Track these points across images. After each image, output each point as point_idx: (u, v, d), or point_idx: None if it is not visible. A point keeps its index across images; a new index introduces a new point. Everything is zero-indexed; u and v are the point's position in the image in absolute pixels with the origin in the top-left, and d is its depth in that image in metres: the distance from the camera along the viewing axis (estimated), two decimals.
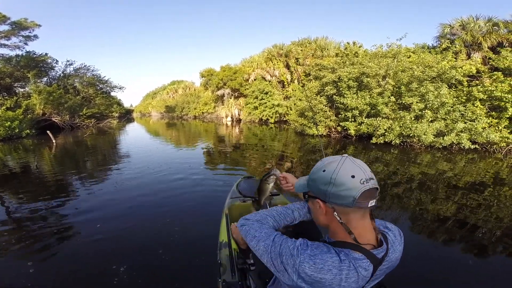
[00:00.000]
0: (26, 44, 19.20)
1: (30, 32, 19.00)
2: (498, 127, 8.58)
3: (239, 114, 28.22)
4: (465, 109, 9.12)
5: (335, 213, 0.80)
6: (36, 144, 11.57)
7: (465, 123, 8.69)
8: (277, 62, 24.76)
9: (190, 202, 4.05)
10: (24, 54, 18.75)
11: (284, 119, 22.60)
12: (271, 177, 1.43)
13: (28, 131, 14.63)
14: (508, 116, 8.56)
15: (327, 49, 22.97)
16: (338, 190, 0.77)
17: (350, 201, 0.76)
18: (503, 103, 8.54)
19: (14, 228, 3.29)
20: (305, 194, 0.92)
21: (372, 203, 0.78)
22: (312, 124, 12.83)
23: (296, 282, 0.77)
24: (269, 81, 24.74)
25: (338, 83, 11.81)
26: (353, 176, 0.76)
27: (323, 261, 0.75)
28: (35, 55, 19.35)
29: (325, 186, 0.80)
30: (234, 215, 1.95)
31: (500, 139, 8.08)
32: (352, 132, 11.07)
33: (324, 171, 0.81)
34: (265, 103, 23.76)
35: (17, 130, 13.78)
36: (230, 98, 28.74)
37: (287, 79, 24.48)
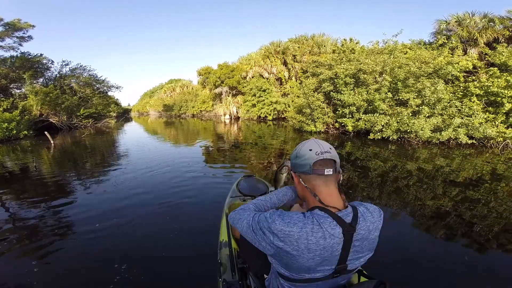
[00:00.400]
0: (20, 45, 19.01)
1: (24, 33, 18.82)
2: (495, 122, 8.65)
3: (237, 112, 28.22)
4: (461, 105, 9.19)
5: (300, 179, 1.03)
6: (34, 145, 11.52)
7: (462, 118, 8.75)
8: (275, 60, 24.73)
9: (190, 201, 4.05)
10: (19, 55, 18.59)
11: (282, 116, 22.63)
12: (284, 167, 1.63)
13: (25, 132, 14.54)
14: (505, 111, 8.63)
15: (324, 46, 22.97)
16: (300, 160, 1.02)
17: (307, 168, 0.99)
18: (499, 98, 8.60)
19: (16, 229, 3.29)
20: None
21: (328, 171, 0.97)
22: (310, 121, 12.87)
23: (273, 242, 0.92)
24: (267, 79, 24.73)
25: (335, 80, 11.84)
26: (310, 150, 1.00)
27: (289, 217, 0.92)
28: (30, 56, 19.16)
29: (294, 160, 1.06)
30: None
31: (497, 134, 8.14)
32: (349, 128, 11.13)
33: (295, 149, 1.07)
34: (263, 100, 23.77)
35: (15, 131, 13.70)
36: (228, 96, 28.72)
37: (284, 76, 24.46)
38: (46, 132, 11.65)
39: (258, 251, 1.21)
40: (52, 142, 10.88)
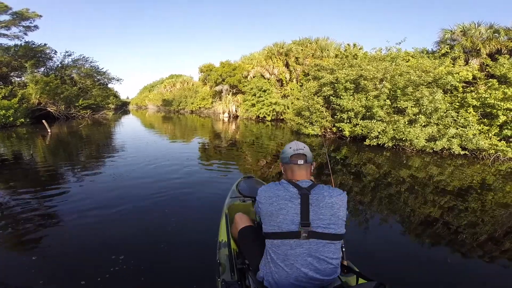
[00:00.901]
0: (25, 34, 19.02)
1: (31, 23, 18.79)
2: (488, 134, 8.72)
3: (236, 111, 28.22)
4: (457, 115, 9.25)
5: (282, 168, 1.50)
6: (31, 133, 11.51)
7: (457, 129, 8.82)
8: (277, 61, 24.74)
9: (188, 200, 4.03)
10: (23, 44, 18.53)
11: (281, 117, 22.65)
12: None
13: (22, 120, 14.55)
14: (499, 124, 8.70)
15: (327, 50, 23.00)
16: (284, 155, 1.48)
17: (287, 159, 1.44)
18: (495, 110, 8.66)
19: (11, 219, 3.28)
20: None
21: (300, 162, 1.41)
22: (308, 123, 12.92)
23: (257, 200, 1.40)
24: (268, 79, 24.73)
25: (335, 85, 11.88)
26: (290, 147, 1.47)
27: (266, 184, 1.43)
28: (34, 45, 19.12)
29: (281, 155, 1.51)
30: (234, 215, 2.00)
31: (489, 146, 8.20)
32: (346, 133, 11.18)
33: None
34: (263, 100, 23.77)
35: (12, 118, 13.69)
36: (228, 94, 28.71)
37: (286, 78, 24.48)
38: (43, 121, 11.65)
39: (257, 247, 1.42)
40: (49, 130, 10.87)
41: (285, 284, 1.24)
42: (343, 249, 1.61)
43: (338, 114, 11.63)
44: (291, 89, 23.32)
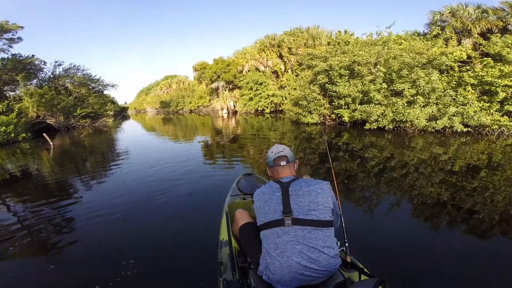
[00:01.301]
0: (11, 46, 18.82)
1: (13, 35, 18.62)
2: (490, 111, 8.75)
3: (234, 106, 28.21)
4: (456, 94, 9.28)
5: (269, 171, 1.65)
6: (34, 147, 11.54)
7: (457, 107, 8.85)
8: (270, 53, 24.62)
9: (190, 200, 4.09)
10: (10, 57, 18.39)
11: (280, 108, 22.65)
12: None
13: (24, 134, 14.51)
14: (499, 100, 8.73)
15: (319, 38, 22.86)
16: (268, 160, 1.63)
17: (271, 163, 1.60)
18: (493, 87, 8.69)
19: (24, 230, 3.35)
20: None
21: (283, 163, 1.56)
22: (306, 112, 12.94)
23: (253, 202, 1.51)
24: (263, 72, 24.67)
25: (330, 72, 11.86)
26: (272, 152, 1.62)
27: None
28: (21, 57, 18.96)
29: (266, 160, 1.67)
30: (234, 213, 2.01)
31: (492, 122, 8.24)
32: (346, 119, 11.23)
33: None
34: (260, 93, 23.75)
35: (13, 134, 13.66)
36: (225, 91, 28.65)
37: (280, 69, 24.39)
38: (44, 134, 11.65)
39: (258, 243, 1.44)
40: (51, 143, 10.89)
41: (281, 275, 1.25)
42: (346, 244, 1.61)
43: (335, 100, 11.66)
44: (287, 79, 23.26)
